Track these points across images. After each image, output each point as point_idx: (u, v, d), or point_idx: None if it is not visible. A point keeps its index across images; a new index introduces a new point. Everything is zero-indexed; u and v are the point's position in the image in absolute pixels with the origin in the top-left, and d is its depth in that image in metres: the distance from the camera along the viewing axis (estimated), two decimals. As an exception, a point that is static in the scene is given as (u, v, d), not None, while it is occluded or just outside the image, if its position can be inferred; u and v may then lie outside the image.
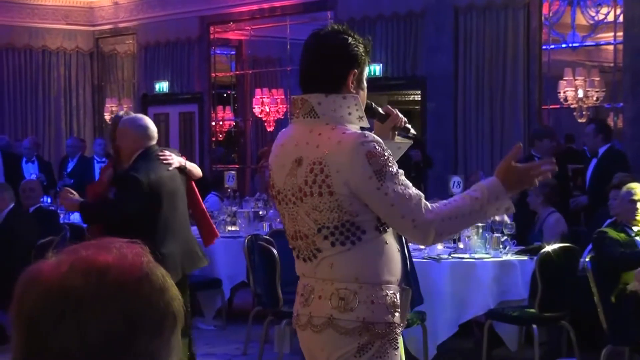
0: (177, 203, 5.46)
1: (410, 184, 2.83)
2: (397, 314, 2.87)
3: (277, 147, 2.98)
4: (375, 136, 2.84)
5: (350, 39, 2.92)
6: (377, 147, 2.77)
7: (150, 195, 5.22)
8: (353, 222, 2.81)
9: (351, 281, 2.83)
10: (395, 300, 2.86)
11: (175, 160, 5.50)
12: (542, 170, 2.91)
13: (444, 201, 2.89)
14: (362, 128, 2.89)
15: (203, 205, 6.02)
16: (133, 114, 5.86)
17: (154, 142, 5.53)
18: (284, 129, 3.09)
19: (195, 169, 5.76)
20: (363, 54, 2.93)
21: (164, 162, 5.40)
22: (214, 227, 6.19)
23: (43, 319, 1.13)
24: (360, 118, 2.90)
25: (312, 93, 2.88)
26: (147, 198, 5.21)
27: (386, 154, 2.78)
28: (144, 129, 5.47)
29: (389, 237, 2.89)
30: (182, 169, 5.53)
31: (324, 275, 2.86)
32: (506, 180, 2.87)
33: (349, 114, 2.87)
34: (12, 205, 7.87)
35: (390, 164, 2.78)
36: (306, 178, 2.82)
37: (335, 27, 3.01)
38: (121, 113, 5.99)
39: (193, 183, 5.77)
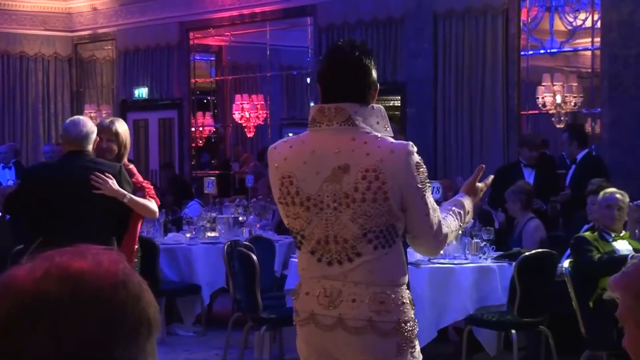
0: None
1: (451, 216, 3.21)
2: (414, 310, 3.11)
3: (303, 155, 3.05)
4: None
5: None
6: (420, 159, 3.03)
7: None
8: (395, 226, 3.01)
9: (388, 284, 3.01)
10: (411, 297, 3.12)
11: (109, 189, 5.02)
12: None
13: (442, 215, 3.16)
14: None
15: (133, 248, 5.35)
16: (108, 119, 5.77)
17: (75, 147, 5.12)
18: (295, 137, 3.17)
19: (143, 209, 5.21)
20: None
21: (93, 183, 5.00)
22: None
23: (17, 326, 1.13)
24: (386, 128, 3.07)
25: (343, 102, 3.02)
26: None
27: (424, 166, 3.05)
28: (64, 131, 5.23)
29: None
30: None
31: (357, 278, 3.00)
32: (470, 196, 3.35)
33: (377, 123, 3.05)
34: None
35: (427, 176, 3.06)
36: (356, 185, 2.96)
37: (359, 41, 3.22)
38: (107, 120, 5.72)
39: (141, 219, 5.37)
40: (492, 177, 3.46)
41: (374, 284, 3.00)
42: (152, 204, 5.28)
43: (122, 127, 5.51)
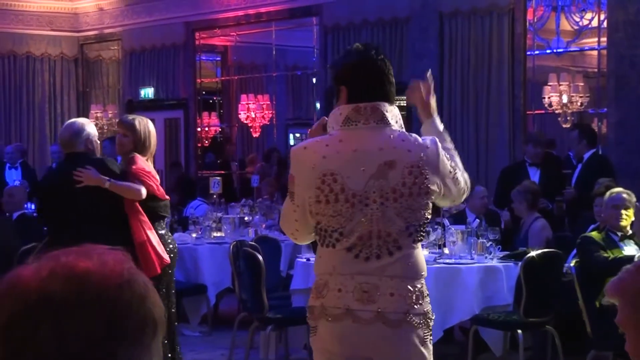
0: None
1: (456, 155, 3.34)
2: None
3: (345, 153, 3.14)
4: None
5: None
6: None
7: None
8: (428, 219, 3.23)
9: (418, 277, 3.18)
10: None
11: (88, 178, 5.33)
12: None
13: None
14: None
15: (140, 236, 5.41)
16: (132, 116, 5.90)
17: (67, 149, 5.58)
18: (327, 137, 3.22)
19: (126, 191, 5.38)
20: None
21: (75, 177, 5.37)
22: (155, 261, 5.41)
23: (21, 325, 1.13)
24: (402, 126, 3.27)
25: (377, 101, 3.20)
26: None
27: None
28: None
29: None
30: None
31: (394, 272, 3.13)
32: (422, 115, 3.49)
33: (396, 122, 3.23)
34: None
35: (452, 153, 3.30)
36: (404, 180, 3.13)
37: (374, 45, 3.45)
38: (129, 117, 5.91)
39: (135, 204, 5.43)
40: (429, 73, 3.52)
41: (408, 278, 3.15)
42: (136, 186, 5.37)
43: (141, 123, 5.64)
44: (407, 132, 3.23)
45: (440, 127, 3.43)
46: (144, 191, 5.39)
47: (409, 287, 3.15)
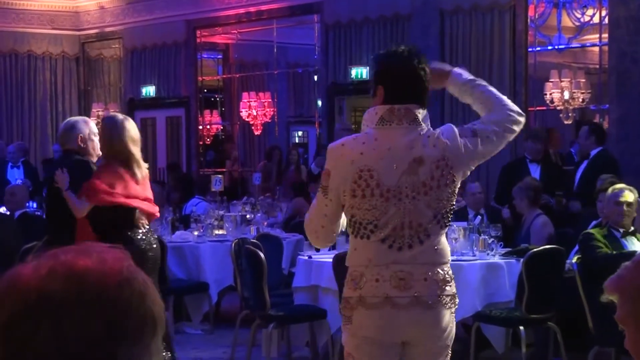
0: None
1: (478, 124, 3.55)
2: None
3: (381, 150, 3.41)
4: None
5: None
6: (455, 126, 3.55)
7: None
8: (453, 206, 3.50)
9: (445, 262, 3.48)
10: None
11: (59, 181, 5.42)
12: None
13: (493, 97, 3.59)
14: None
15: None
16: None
17: (62, 147, 5.71)
18: (362, 135, 3.48)
19: (70, 205, 5.37)
20: None
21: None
22: None
23: (21, 324, 1.12)
24: (428, 125, 3.53)
25: (411, 104, 3.45)
26: None
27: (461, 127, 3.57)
28: None
29: None
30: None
31: (426, 259, 3.42)
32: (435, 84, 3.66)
33: (425, 122, 3.50)
34: None
35: (467, 127, 3.53)
36: (432, 174, 3.41)
37: (415, 49, 3.61)
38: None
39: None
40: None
41: (438, 263, 3.45)
42: (77, 204, 5.30)
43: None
44: (432, 130, 3.48)
45: (465, 75, 3.66)
46: (83, 211, 5.25)
47: (439, 271, 3.45)
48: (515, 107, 3.57)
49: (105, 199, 5.26)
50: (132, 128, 5.33)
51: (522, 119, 3.57)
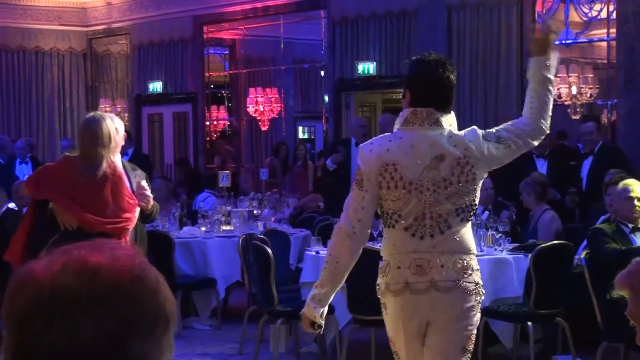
0: None
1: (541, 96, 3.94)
2: None
3: (405, 148, 3.76)
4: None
5: None
6: (478, 128, 3.91)
7: None
8: (475, 202, 3.79)
9: (466, 252, 3.75)
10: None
11: None
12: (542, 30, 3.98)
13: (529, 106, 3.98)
14: None
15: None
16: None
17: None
18: (390, 134, 3.85)
19: None
20: None
21: None
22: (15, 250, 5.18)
23: (34, 319, 1.13)
24: (456, 129, 3.85)
25: (433, 108, 3.79)
26: None
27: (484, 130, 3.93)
28: None
29: None
30: None
31: (444, 248, 3.71)
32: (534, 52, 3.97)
33: (450, 125, 3.84)
34: (5, 206, 7.83)
35: (492, 132, 3.89)
36: (452, 170, 3.73)
37: (446, 58, 4.04)
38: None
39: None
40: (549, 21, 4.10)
41: (457, 252, 3.72)
42: None
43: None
44: (454, 132, 3.82)
45: (552, 67, 3.92)
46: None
47: (458, 259, 3.72)
48: (546, 125, 3.93)
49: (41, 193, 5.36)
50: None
51: (543, 137, 3.96)
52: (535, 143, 3.95)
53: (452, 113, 3.90)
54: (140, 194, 5.16)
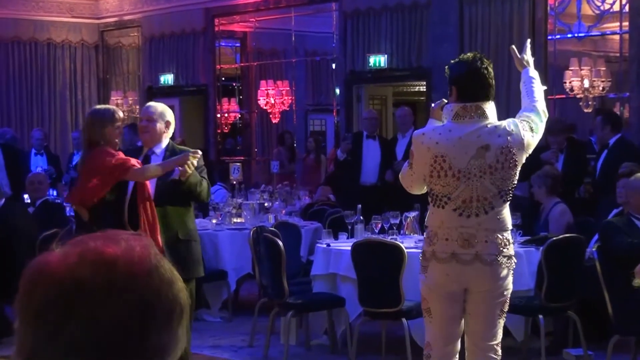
0: None
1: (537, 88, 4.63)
2: None
3: (453, 140, 4.27)
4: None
5: None
6: (516, 120, 4.43)
7: None
8: (515, 184, 4.34)
9: (506, 229, 4.33)
10: None
11: None
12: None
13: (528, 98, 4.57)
14: None
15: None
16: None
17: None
18: (440, 126, 4.39)
19: None
20: None
21: None
22: None
23: (53, 312, 1.13)
24: (495, 118, 4.38)
25: (480, 102, 4.32)
26: None
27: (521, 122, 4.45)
28: None
29: None
30: None
31: (488, 225, 4.28)
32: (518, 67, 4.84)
33: (492, 115, 4.38)
34: (2, 201, 7.79)
35: (525, 122, 4.40)
36: (497, 158, 4.27)
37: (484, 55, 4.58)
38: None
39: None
40: (528, 42, 4.89)
41: (499, 229, 4.30)
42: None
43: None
44: (498, 122, 4.32)
45: (531, 73, 4.68)
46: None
47: (499, 235, 4.29)
48: (545, 110, 4.56)
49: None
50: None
51: (546, 119, 4.55)
52: (544, 126, 4.51)
53: (493, 103, 4.37)
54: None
